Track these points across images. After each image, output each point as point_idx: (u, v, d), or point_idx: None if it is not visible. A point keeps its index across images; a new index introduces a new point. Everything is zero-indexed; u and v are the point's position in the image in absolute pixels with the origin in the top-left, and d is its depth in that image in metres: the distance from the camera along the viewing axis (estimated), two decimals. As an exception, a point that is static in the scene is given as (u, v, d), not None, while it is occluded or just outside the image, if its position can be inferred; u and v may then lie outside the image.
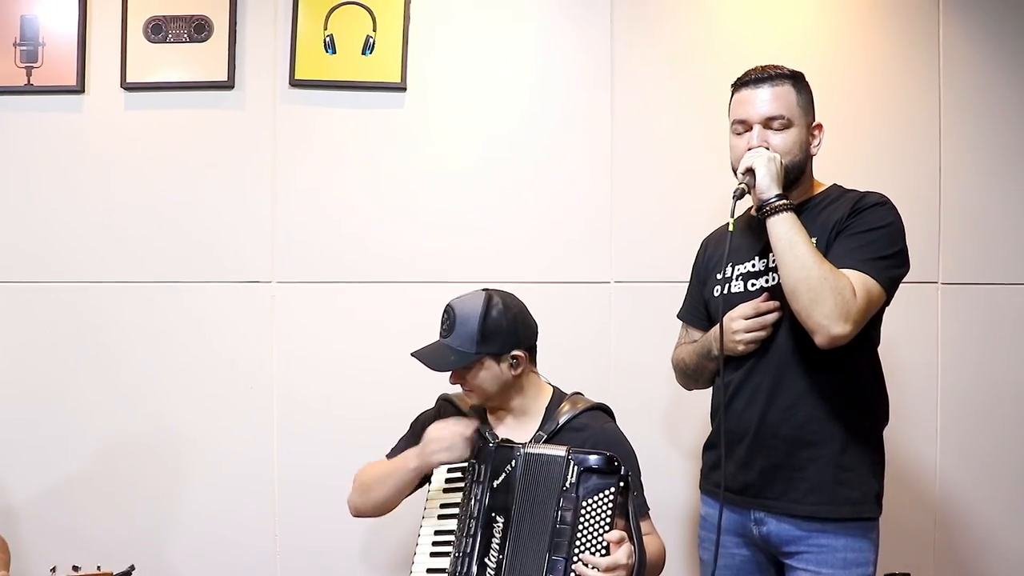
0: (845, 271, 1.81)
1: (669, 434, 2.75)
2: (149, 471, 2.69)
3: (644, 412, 2.69)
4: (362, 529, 2.63)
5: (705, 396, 2.25)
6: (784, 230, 1.82)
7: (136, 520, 2.67)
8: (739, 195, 1.88)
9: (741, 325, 1.93)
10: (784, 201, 1.84)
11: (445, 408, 2.21)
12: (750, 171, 1.88)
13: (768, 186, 1.85)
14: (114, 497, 2.67)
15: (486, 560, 1.82)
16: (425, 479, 2.09)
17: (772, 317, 1.93)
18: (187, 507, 2.69)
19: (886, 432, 2.04)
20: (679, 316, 2.29)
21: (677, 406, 2.72)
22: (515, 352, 2.02)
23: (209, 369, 2.69)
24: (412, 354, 2.04)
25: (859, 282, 1.80)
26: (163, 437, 2.69)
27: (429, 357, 2.02)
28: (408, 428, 2.24)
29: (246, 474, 2.70)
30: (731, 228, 1.89)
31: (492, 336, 1.99)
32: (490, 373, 2.01)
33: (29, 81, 2.64)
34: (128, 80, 2.64)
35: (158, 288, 2.67)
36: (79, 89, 2.65)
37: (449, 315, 2.02)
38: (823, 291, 1.76)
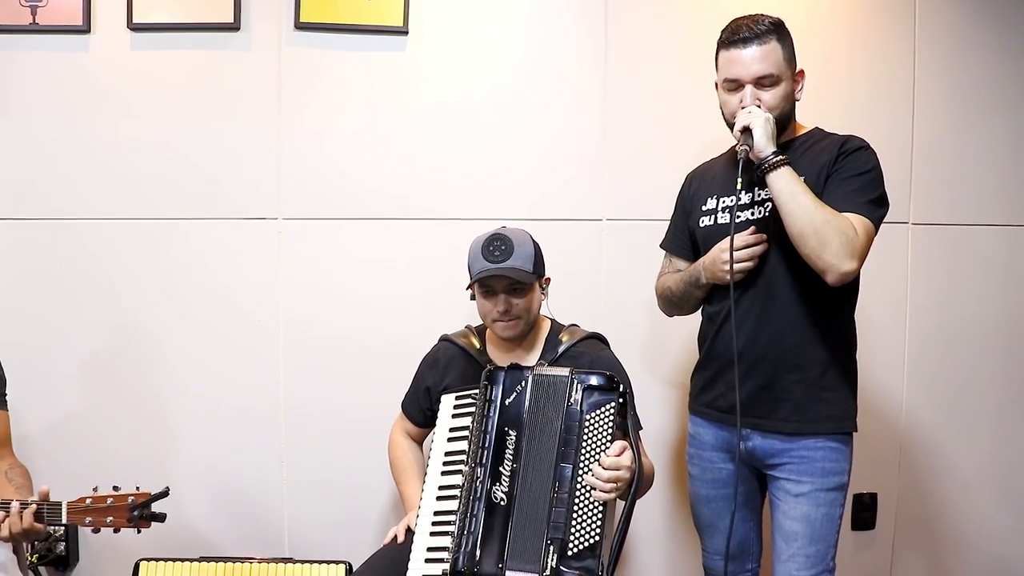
0: (844, 214, 1.93)
1: (656, 366, 2.89)
2: (157, 404, 2.79)
3: (634, 345, 2.83)
4: (367, 458, 2.76)
5: (689, 329, 2.38)
6: (784, 184, 1.93)
7: (144, 451, 2.78)
8: (744, 157, 1.96)
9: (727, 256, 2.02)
10: (781, 157, 1.94)
11: (445, 347, 2.34)
12: (747, 131, 1.97)
13: (765, 145, 1.95)
14: (122, 429, 2.78)
15: (500, 469, 1.96)
16: (432, 413, 2.24)
17: (759, 248, 2.04)
18: (195, 438, 2.80)
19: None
20: (662, 246, 2.40)
21: (664, 338, 2.85)
22: (547, 277, 2.22)
23: (217, 303, 2.78)
24: (487, 272, 2.10)
25: (858, 222, 1.93)
26: (171, 371, 2.79)
27: (509, 272, 2.10)
28: (416, 372, 2.38)
29: (253, 406, 2.81)
30: (739, 188, 1.97)
31: (539, 262, 2.19)
32: (535, 297, 2.20)
33: (34, 20, 2.68)
34: (135, 20, 2.69)
35: (165, 224, 2.75)
36: (85, 29, 2.69)
37: (503, 242, 2.12)
38: (828, 233, 1.88)
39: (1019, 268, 2.99)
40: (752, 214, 2.09)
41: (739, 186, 1.97)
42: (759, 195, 2.07)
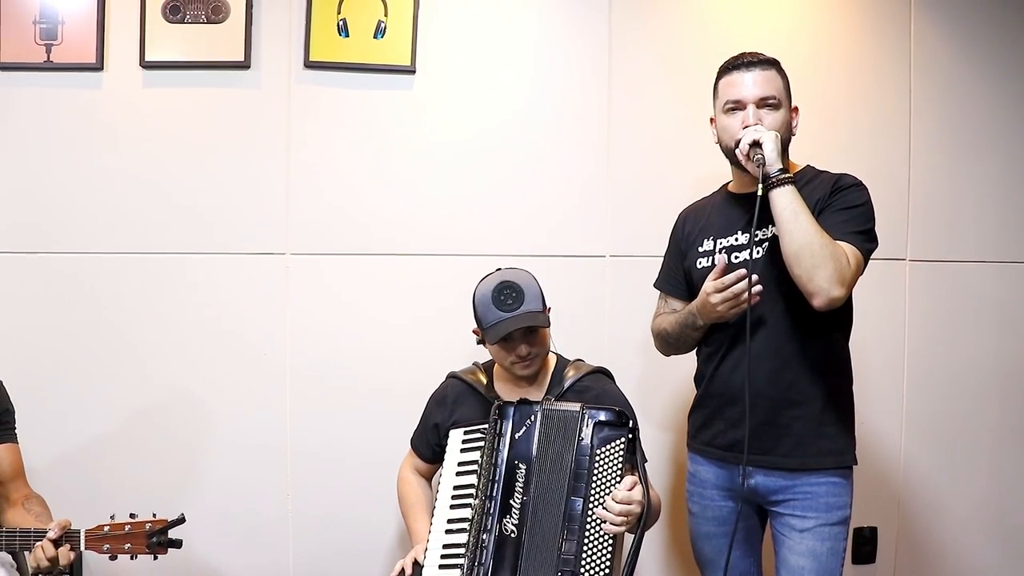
0: (838, 242, 1.96)
1: (654, 403, 2.90)
2: (163, 439, 2.80)
3: (636, 380, 2.84)
4: (373, 493, 2.77)
5: (687, 367, 2.38)
6: (789, 201, 1.94)
7: (151, 486, 2.76)
8: (761, 163, 1.96)
9: (717, 299, 2.03)
10: (788, 175, 1.96)
11: (454, 384, 2.36)
12: (757, 144, 1.98)
13: (775, 160, 1.95)
14: (128, 464, 2.77)
15: (511, 501, 1.99)
16: (441, 450, 2.27)
17: (740, 287, 1.99)
18: (201, 473, 2.80)
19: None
20: (656, 285, 2.40)
21: (663, 375, 2.85)
22: (548, 306, 2.25)
23: (224, 338, 2.79)
24: (507, 324, 2.12)
25: (850, 252, 1.96)
26: (178, 406, 2.79)
27: (528, 320, 2.13)
28: (424, 409, 2.39)
29: (260, 442, 2.81)
30: (759, 192, 1.96)
31: (544, 297, 2.21)
32: (548, 332, 2.23)
33: (48, 58, 2.72)
34: (147, 59, 2.73)
35: (175, 260, 2.77)
36: (98, 67, 2.73)
37: (513, 288, 2.15)
38: (824, 257, 1.90)
39: (1014, 305, 3.04)
40: (750, 254, 2.08)
41: (759, 190, 1.95)
42: (756, 235, 2.06)
